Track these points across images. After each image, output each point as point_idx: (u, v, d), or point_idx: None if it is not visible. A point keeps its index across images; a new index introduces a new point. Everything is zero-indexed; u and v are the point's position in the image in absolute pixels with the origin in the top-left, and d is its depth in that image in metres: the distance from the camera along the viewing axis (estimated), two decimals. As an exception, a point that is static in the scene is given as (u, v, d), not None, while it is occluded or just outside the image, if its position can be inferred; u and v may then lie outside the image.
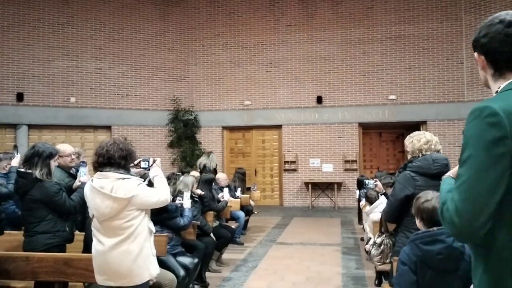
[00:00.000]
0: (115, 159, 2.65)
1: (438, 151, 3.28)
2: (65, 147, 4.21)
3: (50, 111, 11.69)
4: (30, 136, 11.56)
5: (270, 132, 13.10)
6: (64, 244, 3.53)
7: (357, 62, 12.33)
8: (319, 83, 12.53)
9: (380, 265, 3.99)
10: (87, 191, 2.73)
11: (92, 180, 2.70)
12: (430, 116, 11.86)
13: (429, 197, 2.41)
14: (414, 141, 3.34)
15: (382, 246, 3.70)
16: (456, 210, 1.26)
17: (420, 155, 3.26)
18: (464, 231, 1.26)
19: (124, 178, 2.64)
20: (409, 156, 3.39)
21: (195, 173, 6.70)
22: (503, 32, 1.34)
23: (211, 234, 5.48)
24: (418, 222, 2.48)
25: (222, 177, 7.47)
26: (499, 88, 1.37)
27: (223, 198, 6.58)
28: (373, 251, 3.71)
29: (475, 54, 1.45)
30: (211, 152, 8.71)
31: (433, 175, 3.15)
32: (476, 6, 11.53)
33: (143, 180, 2.83)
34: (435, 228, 2.32)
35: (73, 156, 4.28)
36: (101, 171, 2.67)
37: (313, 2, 12.71)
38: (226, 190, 6.90)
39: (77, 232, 4.04)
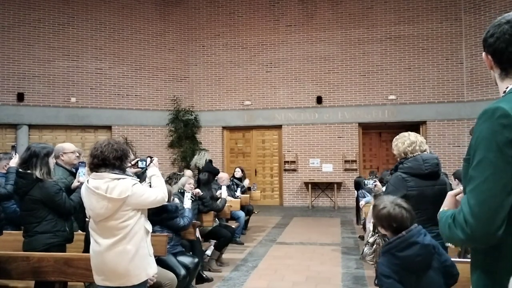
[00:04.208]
0: (109, 160, 2.63)
1: (423, 152, 3.25)
2: (69, 144, 4.23)
3: (51, 111, 11.71)
4: (31, 136, 11.58)
5: (270, 132, 13.12)
6: (64, 244, 3.53)
7: (357, 62, 12.34)
8: (319, 83, 12.54)
9: (372, 264, 4.00)
10: (83, 191, 2.72)
11: (88, 180, 2.69)
12: (430, 116, 11.88)
13: (384, 204, 2.37)
14: (398, 144, 3.33)
15: (375, 245, 3.72)
16: (472, 213, 1.24)
17: (408, 157, 3.25)
18: (481, 234, 1.24)
19: (119, 179, 2.62)
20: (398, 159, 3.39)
21: (189, 172, 6.72)
22: (508, 32, 1.34)
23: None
24: (381, 229, 2.42)
25: (224, 176, 7.48)
26: (507, 88, 1.37)
27: (221, 195, 6.60)
28: (366, 250, 3.73)
29: (483, 53, 1.44)
30: (204, 149, 9.16)
31: (424, 175, 3.15)
32: (475, 6, 11.54)
33: (139, 180, 2.83)
34: (404, 233, 2.28)
35: (77, 154, 4.30)
36: (96, 171, 2.66)
37: (313, 2, 12.72)
38: (224, 188, 6.91)
39: (78, 232, 4.06)
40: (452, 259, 2.40)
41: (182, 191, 5.08)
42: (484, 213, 1.23)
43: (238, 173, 8.68)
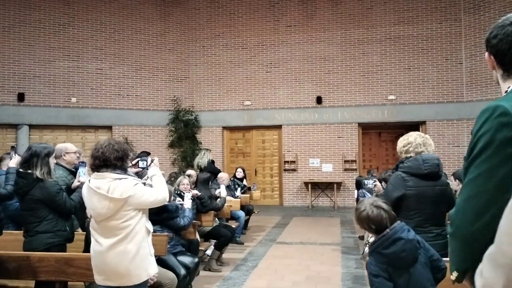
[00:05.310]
0: (110, 160, 2.64)
1: (419, 154, 3.25)
2: (70, 145, 4.24)
3: (51, 111, 11.73)
4: (31, 136, 11.59)
5: (270, 132, 13.13)
6: (64, 244, 3.54)
7: (356, 63, 12.35)
8: (319, 84, 12.56)
9: None
10: (84, 191, 2.73)
11: (89, 180, 2.71)
12: (429, 116, 11.89)
13: (364, 206, 2.39)
14: (398, 142, 3.40)
15: None
16: (463, 207, 1.23)
17: (407, 156, 3.27)
18: (466, 229, 1.23)
19: (121, 179, 2.63)
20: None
21: (192, 172, 6.73)
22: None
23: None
24: (365, 231, 2.47)
25: (224, 176, 7.50)
26: (508, 88, 1.37)
27: (220, 194, 6.60)
28: (367, 250, 3.74)
29: (486, 53, 1.44)
30: (206, 149, 9.24)
31: (423, 175, 3.15)
32: (475, 7, 11.55)
33: (140, 180, 2.84)
34: (387, 230, 2.30)
35: (78, 154, 4.32)
36: (98, 172, 2.68)
37: (313, 3, 12.73)
38: (223, 186, 6.90)
39: (79, 231, 4.07)
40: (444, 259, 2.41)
41: (178, 192, 5.09)
42: (472, 207, 1.23)
43: (240, 174, 8.65)
